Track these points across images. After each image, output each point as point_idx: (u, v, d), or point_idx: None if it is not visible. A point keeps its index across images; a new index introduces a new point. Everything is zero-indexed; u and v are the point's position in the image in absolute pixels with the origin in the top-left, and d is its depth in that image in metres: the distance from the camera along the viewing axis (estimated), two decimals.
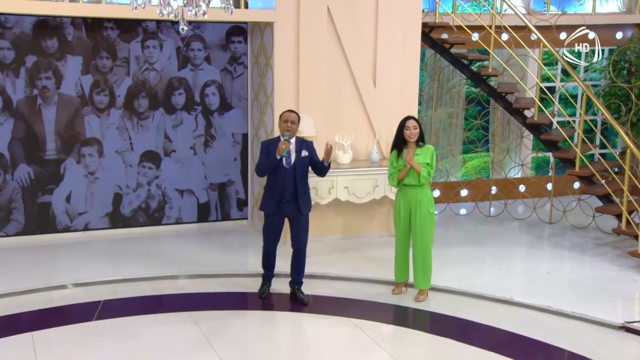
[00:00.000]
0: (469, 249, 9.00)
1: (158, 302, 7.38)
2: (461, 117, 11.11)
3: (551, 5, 11.07)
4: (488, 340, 6.43)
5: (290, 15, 8.61)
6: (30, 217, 9.12)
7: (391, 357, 6.05)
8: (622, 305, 7.17)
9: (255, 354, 6.19)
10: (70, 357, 6.11)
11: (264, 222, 7.19)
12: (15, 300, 7.37)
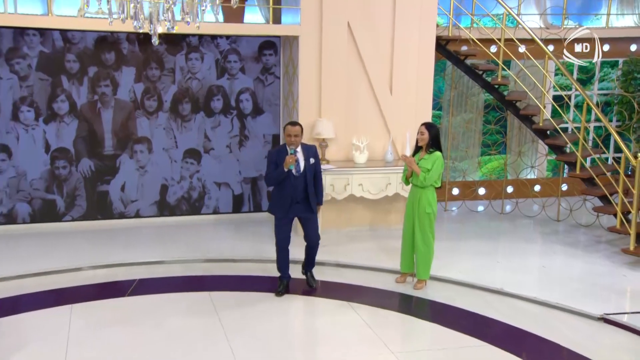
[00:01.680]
0: (477, 243, 8.80)
1: (183, 283, 7.45)
2: (480, 122, 10.84)
3: (569, 19, 10.66)
4: (473, 327, 6.28)
5: (313, 29, 8.58)
6: (91, 203, 9.36)
7: (379, 339, 5.95)
8: (607, 298, 6.87)
9: (256, 328, 6.20)
10: (99, 326, 6.18)
11: (275, 224, 6.98)
12: (68, 276, 7.56)
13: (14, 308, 6.62)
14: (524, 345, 5.91)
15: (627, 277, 7.46)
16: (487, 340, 5.94)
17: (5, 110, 8.83)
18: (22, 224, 9.16)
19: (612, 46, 10.57)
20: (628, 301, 6.88)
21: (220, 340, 5.92)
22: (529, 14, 10.44)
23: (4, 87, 8.78)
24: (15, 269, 7.56)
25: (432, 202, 6.97)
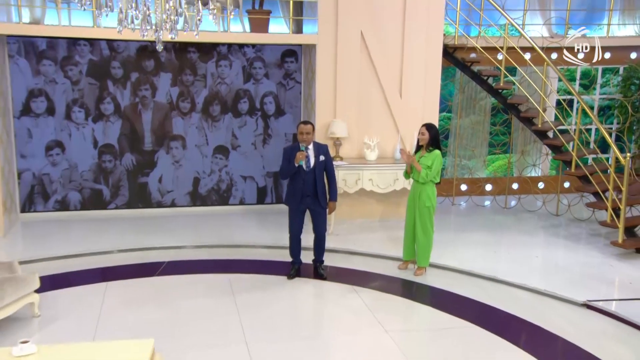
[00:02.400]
0: (479, 234, 8.68)
1: (206, 265, 7.52)
2: (487, 124, 10.69)
3: (573, 29, 10.45)
4: (464, 310, 6.25)
5: (329, 38, 8.60)
6: (132, 193, 9.55)
7: (376, 319, 5.97)
8: (592, 287, 6.72)
9: (266, 307, 6.27)
10: (128, 301, 6.34)
11: (289, 214, 6.99)
12: (108, 256, 7.74)
13: (59, 284, 6.80)
14: (509, 328, 5.87)
15: (613, 268, 7.33)
16: (476, 323, 5.93)
17: (60, 110, 9.07)
18: (73, 210, 9.39)
19: (613, 54, 10.32)
20: (611, 290, 6.75)
21: (233, 316, 6.02)
22: (534, 24, 10.26)
23: (58, 90, 9.01)
24: (64, 250, 7.77)
25: (432, 197, 6.93)
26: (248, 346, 5.34)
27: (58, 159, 9.18)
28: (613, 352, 5.34)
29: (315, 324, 6.04)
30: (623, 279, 7.08)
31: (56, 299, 6.32)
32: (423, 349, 5.49)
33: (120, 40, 8.92)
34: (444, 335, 5.75)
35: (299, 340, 5.56)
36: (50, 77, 8.98)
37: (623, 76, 10.43)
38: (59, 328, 5.70)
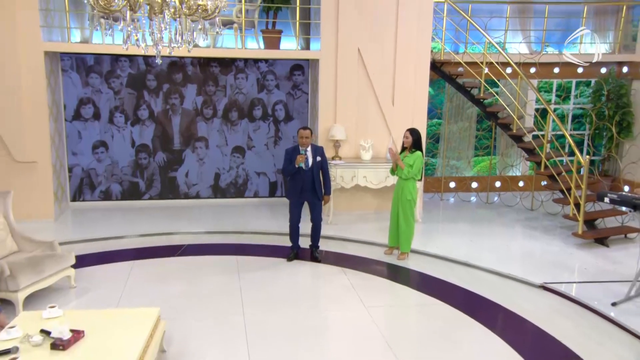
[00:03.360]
0: (460, 225, 8.72)
1: (219, 248, 7.64)
2: (472, 129, 10.65)
3: (551, 46, 10.38)
4: (436, 290, 6.33)
5: (331, 54, 8.64)
6: (164, 186, 9.76)
7: (357, 296, 6.07)
8: (550, 271, 6.74)
9: (265, 284, 6.38)
10: (149, 277, 6.52)
11: (289, 206, 7.10)
12: (139, 239, 7.93)
13: (95, 261, 7.02)
14: (473, 306, 5.92)
15: (572, 255, 7.33)
16: (445, 300, 6.01)
17: (104, 115, 9.35)
18: (114, 200, 9.64)
19: (586, 69, 10.17)
20: (567, 274, 6.73)
21: (235, 292, 6.18)
22: (515, 42, 10.23)
23: (103, 99, 9.30)
24: (102, 233, 8.03)
25: (413, 191, 6.99)
26: (244, 317, 5.49)
27: (102, 156, 9.46)
28: (559, 327, 5.40)
29: (305, 300, 6.09)
30: (579, 265, 7.07)
31: (91, 273, 6.56)
32: (394, 321, 5.61)
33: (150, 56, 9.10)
34: (415, 311, 5.86)
35: (289, 312, 5.67)
36: (96, 87, 9.26)
37: (593, 88, 10.30)
38: (90, 297, 5.95)
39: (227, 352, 4.82)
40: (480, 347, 5.03)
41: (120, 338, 4.22)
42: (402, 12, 8.55)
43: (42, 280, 5.74)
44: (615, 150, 10.12)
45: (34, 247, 6.16)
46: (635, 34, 10.20)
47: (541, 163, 8.38)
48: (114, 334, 4.28)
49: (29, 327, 4.31)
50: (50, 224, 8.30)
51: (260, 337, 5.10)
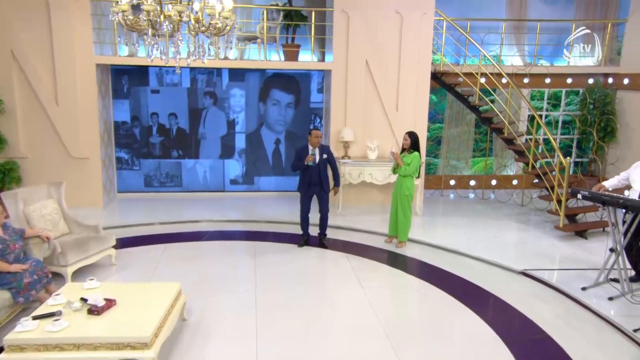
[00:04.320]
0: (456, 219, 8.65)
1: (240, 234, 7.77)
2: (471, 133, 10.56)
3: (543, 59, 10.25)
4: (427, 274, 6.39)
5: (341, 64, 8.71)
6: (197, 180, 9.98)
7: (356, 277, 6.16)
8: (531, 259, 6.73)
9: (276, 266, 6.49)
10: (178, 257, 6.69)
11: (300, 199, 7.15)
12: (171, 226, 8.04)
13: (133, 243, 7.22)
14: (458, 288, 5.97)
15: (553, 246, 7.30)
16: (433, 283, 6.07)
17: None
18: (156, 192, 9.76)
19: (575, 79, 10.06)
20: (546, 262, 6.69)
21: (250, 272, 6.33)
22: (510, 55, 10.10)
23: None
24: (141, 220, 8.17)
25: (410, 187, 7.07)
26: (255, 293, 5.67)
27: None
28: (534, 308, 5.44)
29: (310, 280, 6.20)
30: (558, 255, 7.02)
31: (129, 254, 6.81)
32: (385, 299, 5.71)
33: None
34: (405, 292, 5.95)
35: (294, 290, 5.82)
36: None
37: (581, 97, 10.15)
38: (127, 274, 6.20)
39: (237, 323, 5.01)
40: (459, 324, 5.12)
41: (145, 306, 4.46)
42: (406, 28, 8.57)
43: (87, 257, 6.02)
44: (600, 153, 9.97)
45: (81, 230, 6.43)
46: (620, 48, 10.03)
47: (529, 163, 8.32)
48: (140, 303, 4.53)
49: (71, 295, 4.59)
50: (99, 211, 8.56)
51: (268, 311, 5.27)
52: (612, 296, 5.42)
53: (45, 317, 4.22)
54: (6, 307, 4.78)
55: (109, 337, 4.00)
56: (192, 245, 7.24)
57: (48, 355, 3.95)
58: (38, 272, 5.10)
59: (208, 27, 3.70)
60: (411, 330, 4.99)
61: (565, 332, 4.93)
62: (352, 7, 8.50)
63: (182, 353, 4.46)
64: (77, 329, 4.08)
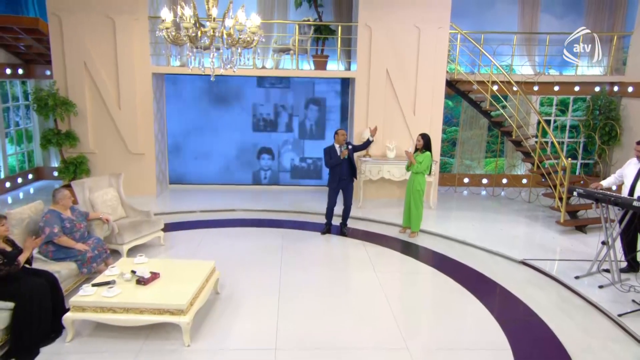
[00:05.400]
0: (467, 213, 8.54)
1: (271, 222, 7.88)
2: (484, 135, 10.37)
3: (552, 68, 9.99)
4: (435, 261, 6.41)
5: (364, 73, 8.76)
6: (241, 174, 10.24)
7: (371, 263, 6.23)
8: (532, 250, 6.65)
9: (300, 250, 6.61)
10: (217, 240, 6.90)
11: (329, 193, 7.16)
12: (212, 213, 8.23)
13: (179, 227, 7.46)
14: (462, 274, 5.97)
15: (554, 239, 7.17)
16: (441, 270, 6.10)
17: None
18: (207, 183, 10.01)
19: (582, 87, 9.77)
20: (544, 253, 6.59)
21: (278, 253, 6.49)
22: (521, 65, 9.91)
23: None
24: (187, 207, 8.40)
25: (422, 183, 7.10)
26: (280, 273, 5.83)
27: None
28: (529, 293, 5.42)
29: (329, 264, 6.31)
30: (556, 247, 6.89)
31: (175, 236, 7.07)
32: (395, 283, 5.76)
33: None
34: (414, 277, 5.98)
35: (314, 271, 5.96)
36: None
37: (587, 104, 9.86)
38: (172, 252, 6.46)
39: (262, 299, 5.16)
40: (459, 305, 5.15)
41: (183, 280, 4.70)
42: (423, 41, 8.58)
43: (139, 238, 6.35)
44: (605, 155, 9.67)
45: (136, 214, 6.76)
46: (625, 59, 9.68)
47: (534, 164, 8.18)
48: (180, 277, 4.78)
49: (124, 268, 4.89)
50: (152, 199, 8.90)
51: (290, 289, 5.42)
52: (603, 284, 5.33)
53: (102, 285, 4.54)
54: (73, 276, 5.15)
55: (152, 303, 4.28)
56: (229, 230, 7.45)
57: (103, 316, 4.26)
58: (99, 248, 5.46)
59: (237, 41, 3.90)
60: (415, 310, 5.06)
61: (555, 315, 4.90)
62: (375, 22, 8.56)
63: (213, 322, 4.68)
64: (127, 295, 4.37)
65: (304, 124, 9.93)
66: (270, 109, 9.88)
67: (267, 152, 10.07)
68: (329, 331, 4.55)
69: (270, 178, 10.16)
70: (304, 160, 10.13)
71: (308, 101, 9.85)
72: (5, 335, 4.15)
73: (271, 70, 9.09)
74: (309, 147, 10.06)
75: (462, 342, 4.41)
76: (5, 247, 4.36)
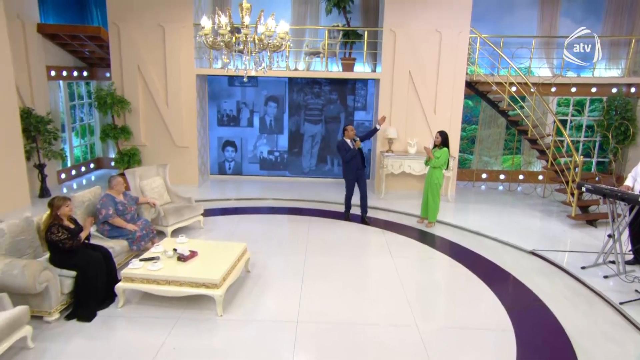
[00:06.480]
0: (482, 206, 8.41)
1: (299, 210, 8.00)
2: (502, 133, 10.16)
3: (570, 70, 9.64)
4: (448, 249, 6.40)
5: (388, 74, 8.74)
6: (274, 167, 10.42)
7: (388, 249, 6.28)
8: (542, 242, 6.53)
9: (324, 235, 6.72)
10: (250, 224, 7.06)
11: (347, 184, 7.28)
12: (247, 202, 8.43)
13: (216, 213, 7.65)
14: (473, 262, 5.94)
15: (565, 232, 7.00)
16: (454, 258, 6.09)
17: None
18: (242, 175, 10.24)
19: (599, 88, 9.42)
20: (554, 244, 6.47)
21: (304, 236, 6.63)
22: (539, 67, 9.64)
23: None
24: (226, 196, 8.66)
25: (439, 177, 7.09)
26: (305, 256, 5.96)
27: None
28: (536, 281, 5.37)
29: (349, 249, 6.36)
30: (566, 239, 6.75)
31: (214, 220, 7.30)
32: (409, 268, 5.78)
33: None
34: (428, 263, 5.98)
35: (336, 255, 6.05)
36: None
37: (604, 104, 9.49)
38: (210, 234, 6.68)
39: (287, 280, 5.29)
40: (468, 290, 5.16)
41: (218, 258, 4.92)
42: (444, 44, 8.50)
43: (182, 221, 6.62)
44: (619, 154, 9.30)
45: (179, 200, 7.03)
46: None
47: (548, 161, 7.98)
48: (216, 255, 4.99)
49: (167, 246, 5.15)
50: (194, 188, 9.17)
51: (313, 271, 5.56)
52: (608, 275, 5.22)
53: (148, 260, 4.82)
54: (124, 252, 5.46)
55: (190, 277, 4.51)
56: (261, 216, 7.61)
57: (148, 287, 4.53)
58: (146, 229, 5.76)
59: (267, 45, 4.04)
60: (426, 293, 5.10)
61: (559, 301, 4.85)
62: (399, 27, 8.53)
63: (243, 296, 4.88)
64: (169, 270, 4.62)
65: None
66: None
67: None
68: (346, 308, 4.66)
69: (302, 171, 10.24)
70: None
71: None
72: (69, 298, 4.50)
73: (303, 72, 9.20)
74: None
75: (467, 322, 4.44)
76: (70, 225, 4.70)
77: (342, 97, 9.86)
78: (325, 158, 10.19)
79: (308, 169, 10.17)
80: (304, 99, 9.87)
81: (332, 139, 10.01)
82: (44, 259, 4.60)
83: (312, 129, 9.99)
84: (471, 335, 4.21)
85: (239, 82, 9.83)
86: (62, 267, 4.49)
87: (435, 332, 4.24)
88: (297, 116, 9.96)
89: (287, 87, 9.84)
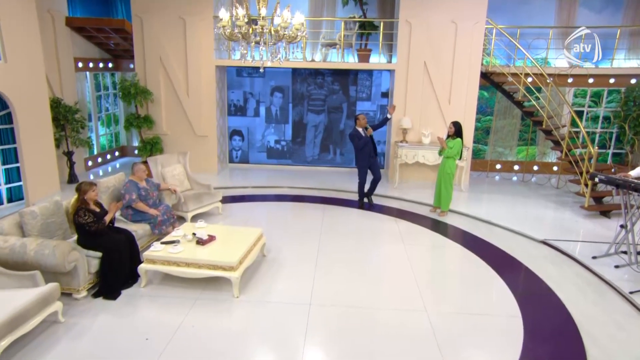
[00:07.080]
0: (496, 196, 8.30)
1: (314, 198, 8.02)
2: (517, 124, 9.99)
3: (589, 61, 9.38)
4: (460, 238, 6.36)
5: (403, 65, 8.67)
6: (289, 156, 10.44)
7: (400, 237, 6.28)
8: (554, 232, 6.44)
9: (338, 221, 6.75)
10: (267, 211, 7.16)
11: (360, 171, 7.28)
12: (264, 189, 8.45)
13: (233, 200, 7.73)
14: (485, 250, 5.90)
15: (577, 223, 6.89)
16: (465, 246, 6.06)
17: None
18: (259, 163, 10.36)
19: (618, 79, 9.14)
20: (566, 234, 6.38)
21: (318, 222, 6.70)
22: (555, 58, 9.37)
23: (253, 98, 10.22)
24: (243, 183, 8.71)
25: (452, 167, 7.03)
26: (319, 242, 6.02)
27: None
28: (546, 270, 5.33)
29: (362, 236, 6.39)
30: (579, 229, 6.64)
31: (231, 207, 7.39)
32: (421, 256, 5.78)
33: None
34: (439, 250, 5.98)
35: (349, 241, 6.09)
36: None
37: (621, 95, 9.22)
38: (228, 220, 6.78)
39: (301, 265, 5.37)
40: (478, 277, 5.15)
41: (236, 242, 5.02)
42: (459, 35, 8.37)
43: (201, 207, 6.75)
44: (637, 146, 9.01)
45: (199, 187, 7.16)
46: None
47: (563, 151, 7.83)
48: (233, 239, 5.10)
49: (187, 231, 5.28)
50: (214, 175, 9.27)
51: (326, 256, 5.63)
52: (619, 265, 5.15)
53: (169, 243, 4.95)
54: (147, 235, 5.62)
55: (208, 260, 4.63)
56: (278, 204, 7.71)
57: (169, 268, 4.67)
58: (167, 214, 5.90)
59: (283, 36, 4.07)
60: (436, 279, 5.12)
61: (568, 289, 4.82)
62: (415, 18, 8.43)
63: (258, 279, 4.98)
64: (188, 252, 4.75)
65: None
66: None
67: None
68: (357, 293, 4.72)
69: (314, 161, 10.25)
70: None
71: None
72: (95, 278, 4.68)
73: (319, 63, 9.18)
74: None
75: (476, 308, 4.45)
76: (95, 208, 4.86)
77: (344, 88, 9.81)
78: (327, 147, 10.16)
79: (311, 158, 10.21)
80: (307, 89, 9.87)
81: (335, 129, 10.01)
82: (72, 241, 4.78)
83: (315, 118, 10.00)
84: (479, 320, 4.23)
85: (246, 73, 9.88)
86: (88, 248, 4.66)
87: (444, 317, 4.27)
88: (300, 106, 9.97)
89: (291, 77, 9.88)
